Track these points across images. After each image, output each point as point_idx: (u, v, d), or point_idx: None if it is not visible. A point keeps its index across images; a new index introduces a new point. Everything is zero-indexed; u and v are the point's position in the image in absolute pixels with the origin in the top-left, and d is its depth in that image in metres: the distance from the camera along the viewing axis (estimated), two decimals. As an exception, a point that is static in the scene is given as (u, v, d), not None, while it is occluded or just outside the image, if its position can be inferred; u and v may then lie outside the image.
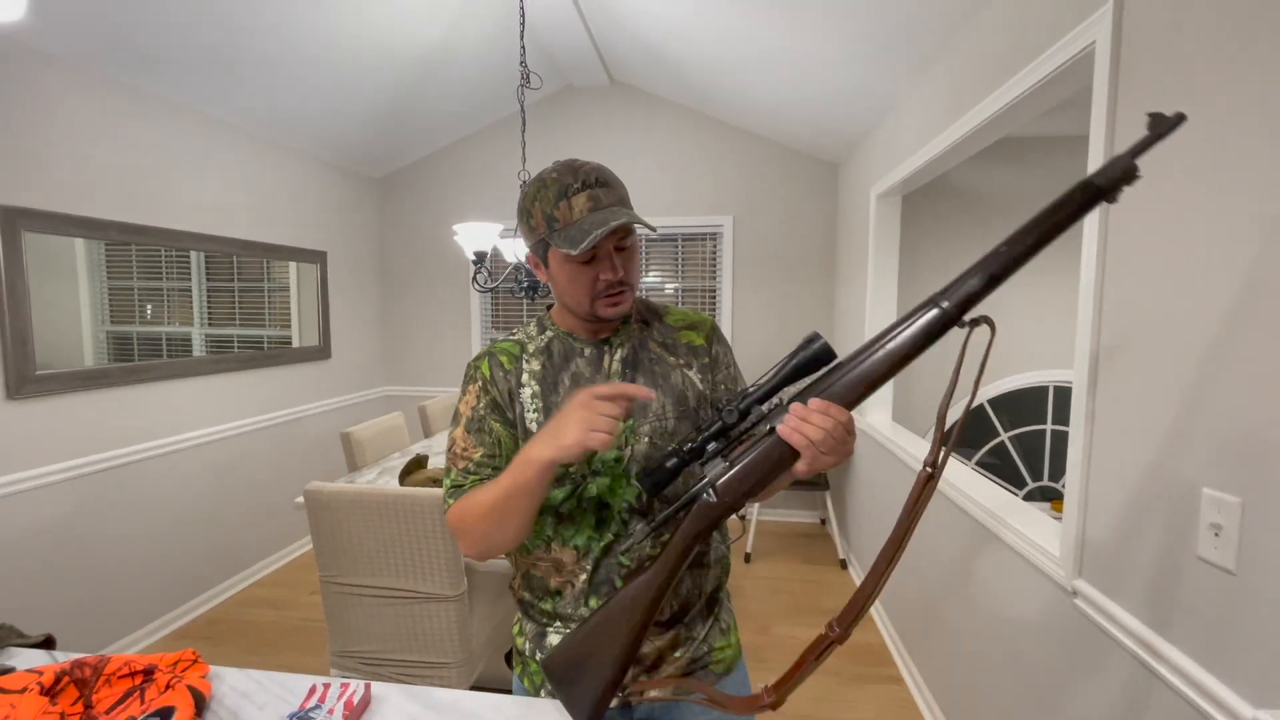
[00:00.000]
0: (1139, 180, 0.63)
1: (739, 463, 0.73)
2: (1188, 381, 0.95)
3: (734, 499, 0.74)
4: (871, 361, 0.68)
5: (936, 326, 0.66)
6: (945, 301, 0.66)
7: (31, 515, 2.11)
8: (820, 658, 0.72)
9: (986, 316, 0.65)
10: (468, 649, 1.76)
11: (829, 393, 0.70)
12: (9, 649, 0.97)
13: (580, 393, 0.75)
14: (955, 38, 1.95)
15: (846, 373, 0.70)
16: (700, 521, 0.75)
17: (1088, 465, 1.21)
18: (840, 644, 0.70)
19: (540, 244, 0.86)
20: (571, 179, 0.82)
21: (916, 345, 0.67)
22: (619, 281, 0.84)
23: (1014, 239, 0.65)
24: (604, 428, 0.72)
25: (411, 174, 4.15)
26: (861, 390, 0.69)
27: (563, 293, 0.88)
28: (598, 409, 0.73)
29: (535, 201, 0.84)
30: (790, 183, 3.78)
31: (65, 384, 2.21)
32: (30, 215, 2.07)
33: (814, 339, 0.71)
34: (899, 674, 2.31)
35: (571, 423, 0.73)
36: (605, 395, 0.74)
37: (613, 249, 0.84)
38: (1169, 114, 0.63)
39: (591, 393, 0.74)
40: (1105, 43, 1.15)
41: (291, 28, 2.42)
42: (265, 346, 3.21)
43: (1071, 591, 1.24)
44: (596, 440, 0.71)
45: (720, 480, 0.74)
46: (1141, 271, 1.06)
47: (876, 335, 0.69)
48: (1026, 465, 3.83)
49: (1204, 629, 0.91)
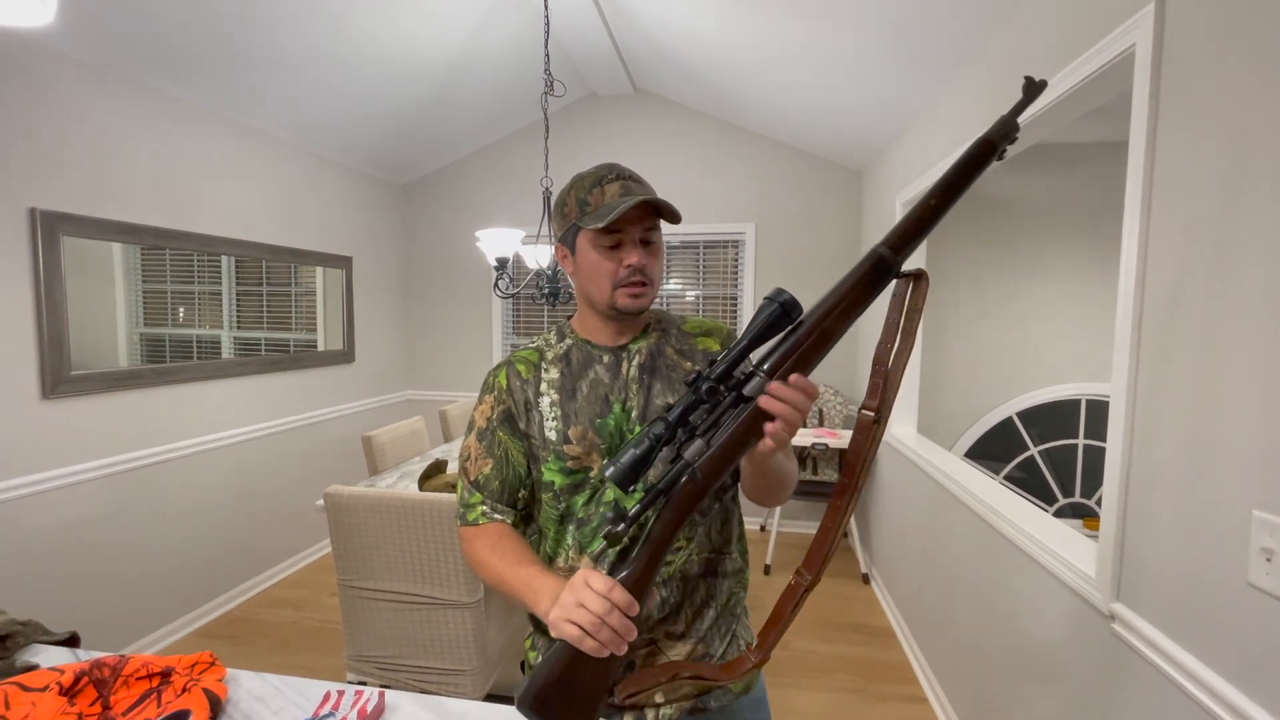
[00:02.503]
0: (1017, 139, 0.73)
1: (717, 441, 0.71)
2: (1235, 397, 0.90)
3: (715, 479, 0.72)
4: (827, 318, 0.72)
5: (877, 269, 0.71)
6: (883, 247, 0.71)
7: (61, 513, 2.16)
8: (797, 606, 0.74)
9: (921, 269, 0.71)
10: (483, 656, 1.75)
11: (794, 359, 0.71)
12: (34, 646, 0.98)
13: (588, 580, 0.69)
14: (987, 41, 1.91)
15: (806, 334, 0.71)
16: (683, 507, 0.73)
17: (1126, 483, 1.16)
18: (812, 589, 0.73)
19: (570, 231, 0.89)
20: (608, 171, 0.87)
21: (863, 289, 0.71)
22: (640, 272, 0.86)
23: (936, 192, 0.71)
24: (606, 651, 0.68)
25: (435, 180, 4.20)
26: (822, 350, 0.72)
27: (586, 280, 0.89)
28: (606, 630, 0.67)
29: (571, 191, 0.88)
30: (813, 190, 3.74)
31: (98, 384, 2.26)
32: (69, 220, 2.14)
33: (777, 295, 0.71)
34: (922, 693, 2.24)
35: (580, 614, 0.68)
36: (603, 592, 0.68)
37: (639, 239, 0.86)
38: (1037, 79, 0.73)
39: (599, 590, 0.69)
40: (1146, 45, 1.11)
41: (319, 35, 2.47)
42: (291, 349, 3.26)
43: (1109, 615, 1.19)
44: (599, 650, 0.68)
45: (700, 460, 0.71)
46: (1184, 280, 1.02)
47: (828, 292, 0.73)
48: (1057, 480, 3.72)
49: (1257, 660, 0.86)
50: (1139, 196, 1.12)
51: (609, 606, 0.67)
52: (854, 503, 0.72)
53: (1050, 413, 3.67)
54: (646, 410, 0.89)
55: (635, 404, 0.89)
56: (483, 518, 0.91)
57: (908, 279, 0.72)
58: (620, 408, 0.89)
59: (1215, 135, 0.96)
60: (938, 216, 0.70)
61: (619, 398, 0.89)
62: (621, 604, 0.68)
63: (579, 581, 0.70)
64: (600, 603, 0.67)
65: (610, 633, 0.67)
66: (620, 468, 0.69)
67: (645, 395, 0.89)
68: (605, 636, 0.67)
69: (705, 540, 0.91)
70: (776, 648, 2.53)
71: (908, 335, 0.71)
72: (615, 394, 0.90)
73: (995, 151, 0.71)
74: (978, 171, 0.71)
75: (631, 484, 0.70)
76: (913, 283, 0.71)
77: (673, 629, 0.89)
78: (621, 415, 0.89)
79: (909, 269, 0.72)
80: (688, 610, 0.89)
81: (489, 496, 0.91)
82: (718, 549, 0.93)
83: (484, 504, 0.91)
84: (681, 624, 0.89)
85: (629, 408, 0.89)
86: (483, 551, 0.87)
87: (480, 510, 0.91)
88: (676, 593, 0.88)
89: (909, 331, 0.71)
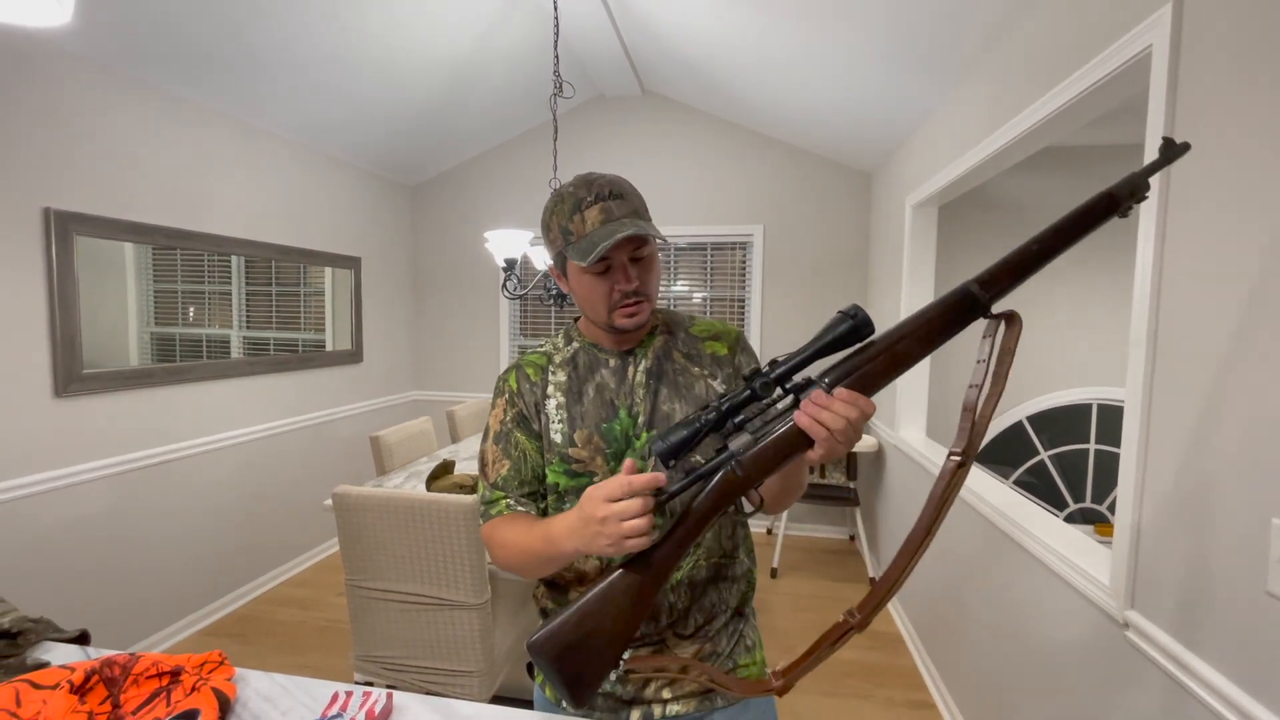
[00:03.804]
0: (1146, 199, 0.69)
1: (763, 439, 0.70)
2: (1253, 403, 0.89)
3: (756, 475, 0.71)
4: (901, 342, 0.68)
5: (964, 304, 0.67)
6: (974, 284, 0.67)
7: (72, 510, 2.18)
8: (836, 644, 0.71)
9: (1014, 311, 0.67)
10: (490, 658, 1.75)
11: (856, 377, 0.68)
12: (45, 643, 0.99)
13: (592, 501, 0.71)
14: (997, 43, 1.90)
15: (875, 355, 0.68)
16: (722, 496, 0.72)
17: (1141, 489, 1.14)
18: (860, 630, 0.69)
19: (559, 256, 0.88)
20: (585, 193, 0.83)
21: (945, 322, 0.67)
22: (634, 292, 0.84)
23: (1043, 238, 0.67)
24: (638, 531, 0.68)
25: (444, 182, 4.21)
26: (889, 375, 0.68)
27: (582, 303, 0.89)
28: (621, 514, 0.68)
29: (553, 215, 0.85)
30: (822, 192, 3.73)
31: (110, 383, 2.28)
32: (82, 220, 2.15)
33: (852, 313, 0.68)
34: (930, 699, 2.22)
35: (601, 539, 0.70)
36: (618, 495, 0.69)
37: (627, 260, 0.83)
38: (1178, 141, 0.70)
39: (605, 497, 0.70)
40: (1163, 46, 1.10)
41: (328, 37, 2.48)
42: (300, 349, 3.28)
43: (1123, 623, 1.17)
44: (637, 546, 0.69)
45: (745, 454, 0.71)
46: (1202, 283, 1.00)
47: (908, 318, 0.69)
48: (1067, 485, 3.69)
49: (1275, 670, 0.85)
50: (1154, 200, 1.10)
51: (602, 509, 0.69)
52: (924, 549, 0.67)
53: (1060, 417, 3.64)
54: (653, 416, 0.88)
55: (642, 409, 0.88)
56: (506, 509, 0.90)
57: (999, 319, 0.67)
58: (626, 413, 0.89)
59: (1234, 137, 0.94)
60: (1039, 263, 0.67)
61: (625, 403, 0.89)
62: (639, 486, 0.69)
63: (586, 505, 0.71)
64: (598, 508, 0.70)
65: (648, 520, 0.69)
66: (667, 443, 0.70)
67: (652, 400, 0.89)
68: (645, 524, 0.68)
69: (715, 545, 0.90)
70: (783, 651, 2.49)
71: (998, 378, 0.66)
72: (621, 399, 0.89)
73: (1118, 208, 0.67)
74: (1094, 225, 0.67)
75: (673, 460, 0.71)
76: (1005, 323, 0.67)
77: (681, 631, 0.89)
78: (628, 420, 0.88)
79: (1000, 309, 0.67)
80: (696, 615, 0.89)
81: (510, 493, 0.91)
82: (727, 553, 0.92)
83: (507, 498, 0.91)
84: (690, 627, 0.89)
85: (635, 413, 0.88)
86: (504, 534, 0.87)
87: (504, 504, 0.90)
88: (684, 598, 0.88)
89: (1000, 375, 0.66)
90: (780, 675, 0.73)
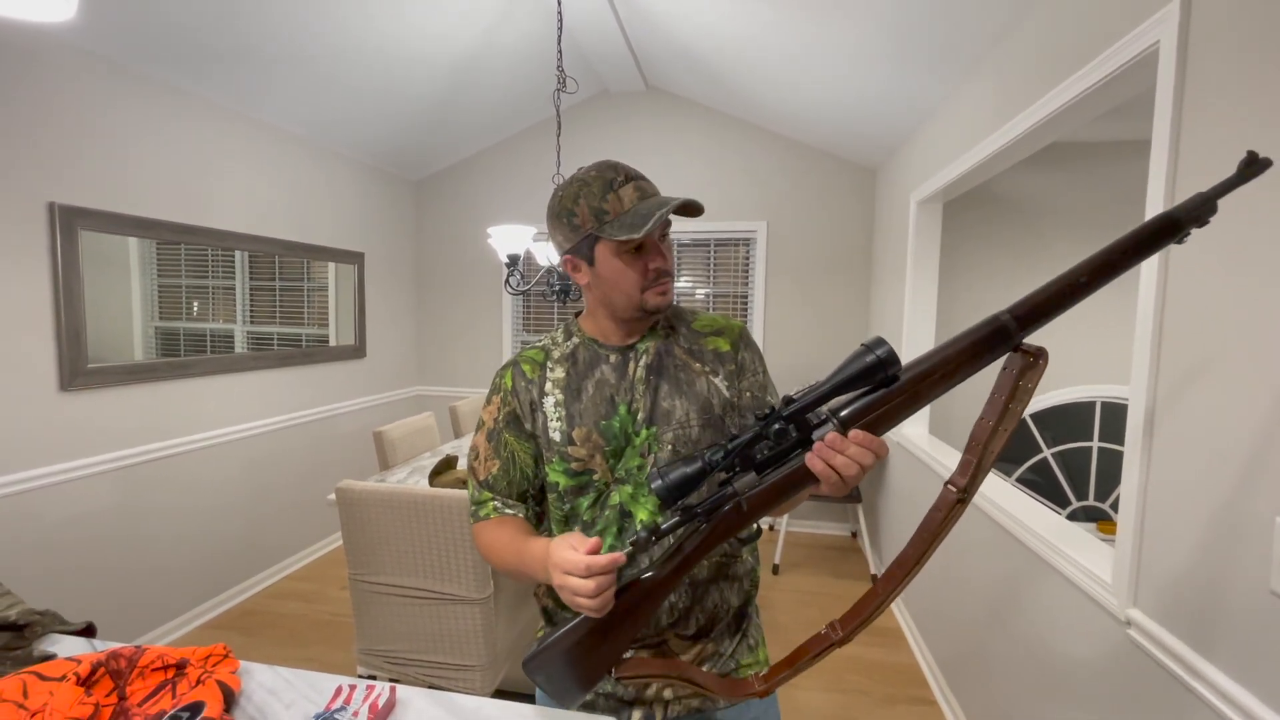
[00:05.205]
0: (1208, 224, 0.62)
1: (769, 479, 0.69)
2: (1257, 401, 0.89)
3: (760, 514, 0.71)
4: (924, 381, 0.64)
5: (994, 338, 0.63)
6: (1009, 315, 0.63)
7: (77, 504, 2.19)
8: (817, 657, 0.71)
9: (1043, 349, 0.62)
10: (492, 652, 1.76)
11: (873, 417, 0.65)
12: (51, 635, 0.99)
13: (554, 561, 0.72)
14: (1003, 39, 1.88)
15: (894, 394, 0.65)
16: (721, 534, 0.72)
17: (1145, 488, 1.14)
18: (839, 647, 0.69)
19: (585, 241, 0.85)
20: (613, 174, 0.83)
21: (971, 356, 0.63)
22: (666, 271, 0.86)
23: (1092, 269, 0.61)
24: (592, 608, 0.69)
25: (448, 177, 4.21)
26: (906, 411, 0.66)
27: (611, 289, 0.87)
28: (574, 590, 0.69)
29: (578, 200, 0.83)
30: (826, 188, 3.72)
31: (114, 377, 2.29)
32: (87, 214, 2.16)
33: (875, 346, 0.64)
34: (932, 695, 2.23)
35: (563, 593, 0.71)
36: (576, 574, 0.69)
37: (658, 238, 0.85)
38: (1261, 156, 0.61)
39: (562, 569, 0.70)
40: (1171, 42, 1.09)
41: (332, 32, 2.48)
42: (303, 344, 3.28)
43: (1125, 621, 1.17)
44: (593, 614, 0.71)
45: (749, 493, 0.70)
46: (1205, 282, 1.00)
47: (931, 351, 0.65)
48: (1070, 483, 3.68)
49: (1278, 669, 0.85)
50: (1161, 196, 1.10)
51: (576, 588, 0.69)
52: (912, 577, 0.66)
53: (1063, 415, 3.63)
54: (653, 412, 0.87)
55: (641, 405, 0.87)
56: (494, 512, 0.92)
57: (1026, 355, 0.62)
58: (626, 409, 0.88)
59: (1241, 132, 0.94)
60: (1081, 295, 0.61)
61: (625, 399, 0.88)
62: (598, 567, 0.69)
63: (553, 555, 0.73)
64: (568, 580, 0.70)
65: (600, 600, 0.69)
66: (667, 483, 0.67)
67: (652, 397, 0.88)
68: (596, 605, 0.69)
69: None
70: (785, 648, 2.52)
71: (1013, 416, 0.62)
72: (621, 395, 0.88)
73: (1177, 233, 0.61)
74: (1148, 253, 0.61)
75: (674, 503, 0.68)
76: (1030, 360, 0.62)
77: (683, 631, 0.89)
78: (627, 417, 0.87)
79: (1030, 344, 0.62)
80: (698, 614, 0.89)
81: (498, 494, 0.92)
82: (731, 553, 0.92)
83: (495, 500, 0.92)
84: (692, 627, 0.89)
85: (635, 409, 0.87)
86: (489, 539, 0.90)
87: (491, 506, 0.92)
88: (685, 598, 0.88)
89: (1015, 413, 0.62)
90: (763, 680, 0.75)
